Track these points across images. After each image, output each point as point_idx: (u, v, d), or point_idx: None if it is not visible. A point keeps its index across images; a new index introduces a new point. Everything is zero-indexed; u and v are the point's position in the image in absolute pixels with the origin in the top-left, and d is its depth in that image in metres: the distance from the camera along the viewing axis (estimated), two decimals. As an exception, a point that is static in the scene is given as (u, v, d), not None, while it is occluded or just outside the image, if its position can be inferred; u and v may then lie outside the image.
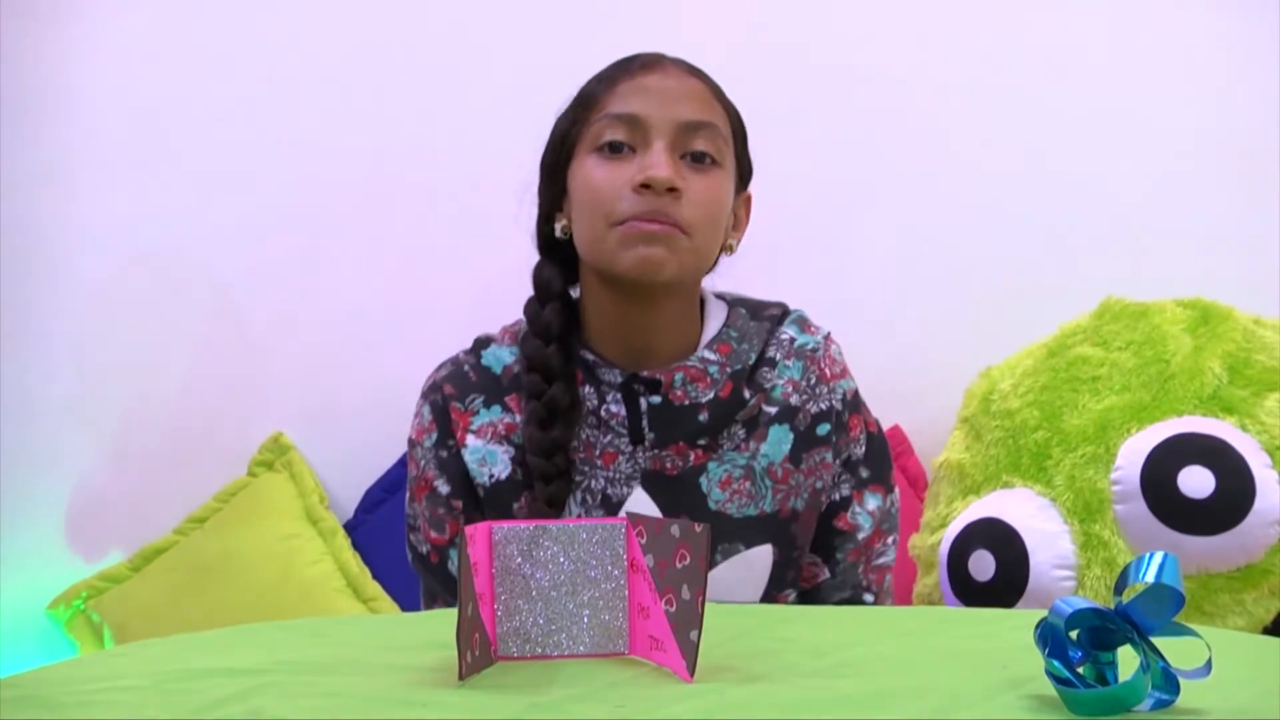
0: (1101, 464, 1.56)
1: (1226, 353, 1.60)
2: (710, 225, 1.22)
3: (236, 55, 2.27)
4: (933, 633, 0.88)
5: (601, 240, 1.20)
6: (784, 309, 1.33)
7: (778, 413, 1.26)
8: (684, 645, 0.73)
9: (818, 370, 1.28)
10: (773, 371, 1.27)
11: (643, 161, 1.19)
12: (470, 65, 2.23)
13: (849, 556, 1.30)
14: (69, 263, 2.27)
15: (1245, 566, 1.51)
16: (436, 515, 1.28)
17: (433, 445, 1.28)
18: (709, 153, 1.21)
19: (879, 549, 1.31)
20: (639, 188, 1.18)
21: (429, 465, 1.28)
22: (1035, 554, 1.55)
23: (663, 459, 1.24)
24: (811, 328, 1.31)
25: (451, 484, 1.27)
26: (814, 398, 1.27)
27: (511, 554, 0.81)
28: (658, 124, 1.20)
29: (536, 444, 1.23)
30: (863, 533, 1.30)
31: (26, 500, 2.24)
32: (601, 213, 1.20)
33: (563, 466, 1.23)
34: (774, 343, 1.29)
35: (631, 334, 1.25)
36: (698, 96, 1.23)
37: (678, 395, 1.23)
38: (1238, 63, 2.14)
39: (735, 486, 1.24)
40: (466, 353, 1.31)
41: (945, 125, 2.19)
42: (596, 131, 1.21)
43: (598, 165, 1.21)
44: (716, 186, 1.22)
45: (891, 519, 1.33)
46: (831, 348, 1.31)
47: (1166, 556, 0.64)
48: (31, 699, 0.71)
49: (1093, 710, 0.63)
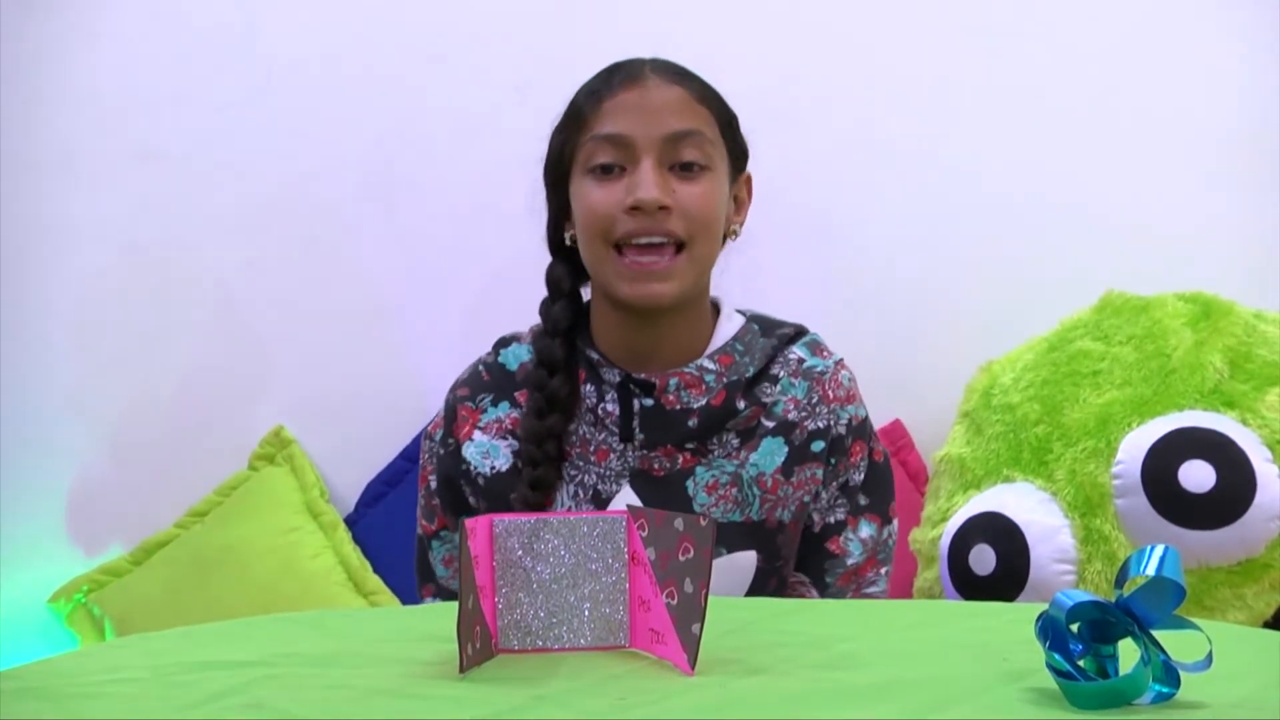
0: (1102, 458, 1.56)
1: (1227, 347, 1.60)
2: (705, 231, 1.24)
3: (235, 47, 2.26)
4: (933, 626, 0.88)
5: (603, 263, 1.24)
6: (799, 330, 1.34)
7: (775, 426, 1.28)
8: (685, 638, 0.73)
9: (822, 392, 1.29)
10: (774, 387, 1.28)
11: (632, 181, 1.22)
12: (472, 56, 2.22)
13: (838, 581, 1.30)
14: (68, 255, 2.26)
15: (1245, 561, 1.51)
16: (429, 506, 1.35)
17: (439, 441, 1.34)
18: (696, 160, 1.23)
19: (870, 577, 1.31)
20: (630, 210, 1.21)
21: (431, 458, 1.35)
22: (1036, 548, 1.56)
23: (650, 459, 1.26)
24: (824, 352, 1.32)
25: (439, 483, 1.33)
26: (813, 415, 1.28)
27: (513, 547, 0.81)
28: (643, 141, 1.22)
29: (530, 431, 1.27)
30: (852, 559, 1.30)
31: (27, 494, 2.24)
32: (599, 234, 1.23)
33: (552, 454, 1.26)
34: (780, 360, 1.30)
35: (635, 342, 1.28)
36: (681, 105, 1.24)
37: (670, 400, 1.26)
38: (1238, 56, 2.13)
39: (721, 492, 1.26)
40: (489, 352, 1.36)
41: (945, 120, 2.18)
42: (587, 153, 1.24)
43: (591, 188, 1.24)
44: (707, 192, 1.24)
45: (887, 550, 1.33)
46: (841, 374, 1.31)
47: (1167, 550, 0.64)
48: (32, 691, 0.71)
49: (1093, 703, 0.63)
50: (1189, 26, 2.16)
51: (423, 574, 1.37)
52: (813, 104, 2.17)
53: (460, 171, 2.19)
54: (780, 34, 2.19)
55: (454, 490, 1.32)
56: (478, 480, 1.30)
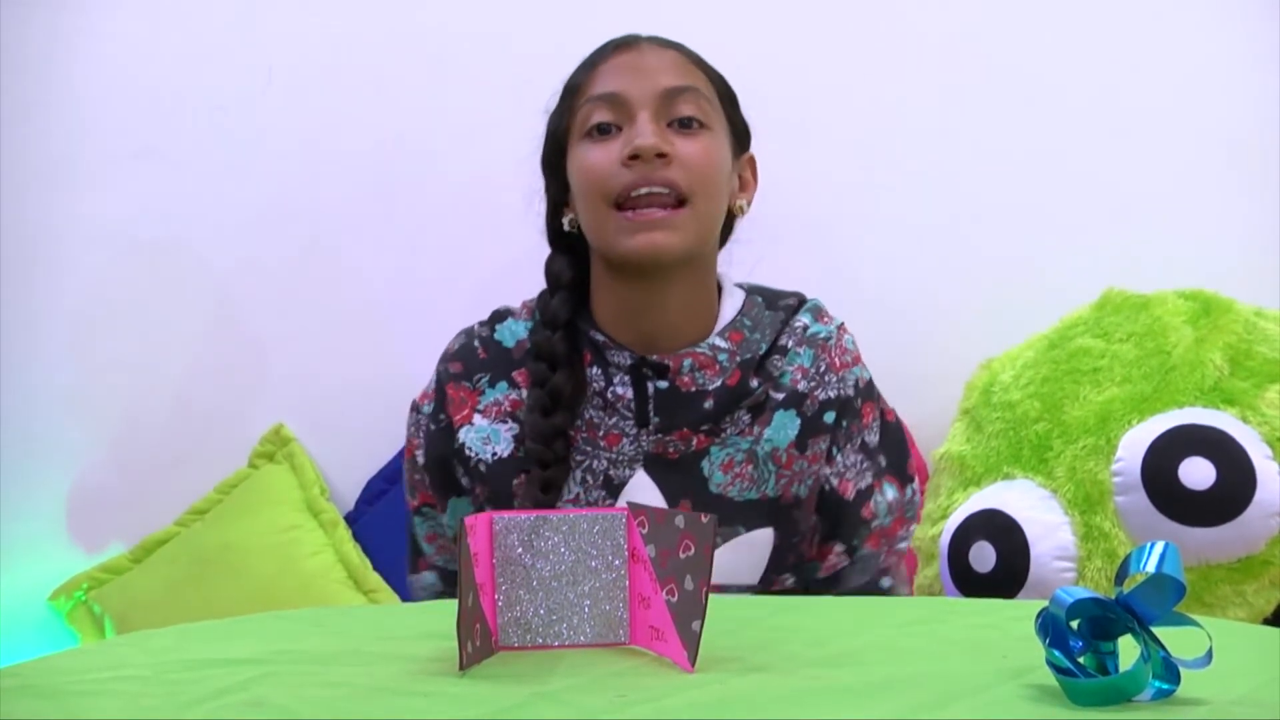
0: (1102, 455, 1.56)
1: (1228, 344, 1.60)
2: (707, 187, 1.22)
3: (235, 47, 2.26)
4: (933, 623, 0.88)
5: (604, 224, 1.21)
6: (800, 298, 1.33)
7: (785, 398, 1.26)
8: (685, 635, 0.73)
9: (828, 359, 1.28)
10: (783, 359, 1.27)
11: (629, 135, 1.20)
12: (470, 55, 2.22)
13: (867, 544, 1.30)
14: (69, 255, 2.26)
15: (1246, 558, 1.51)
16: (412, 480, 1.32)
17: (428, 414, 1.30)
18: (695, 116, 1.22)
19: (901, 535, 1.32)
20: (628, 160, 1.19)
21: (418, 432, 1.31)
22: (1036, 545, 1.56)
23: (665, 443, 1.24)
24: (825, 317, 1.31)
25: (427, 458, 1.30)
26: (823, 385, 1.27)
27: (512, 544, 0.81)
28: (639, 97, 1.21)
29: (537, 431, 1.23)
30: (878, 520, 1.30)
31: (27, 492, 2.24)
32: (599, 193, 1.20)
33: (561, 453, 1.23)
34: (787, 331, 1.29)
35: (641, 318, 1.25)
36: (676, 65, 1.24)
37: (685, 381, 1.23)
38: (1239, 56, 2.13)
39: (737, 470, 1.24)
40: (482, 324, 1.32)
41: (944, 118, 2.18)
42: (583, 117, 1.23)
43: (589, 149, 1.22)
44: (708, 148, 1.22)
45: (913, 508, 1.34)
46: (844, 337, 1.31)
47: (1167, 546, 0.64)
48: (33, 688, 0.71)
49: (1093, 700, 0.63)
50: (1189, 27, 2.16)
51: (411, 548, 1.34)
52: (813, 104, 2.17)
53: (460, 172, 2.20)
54: (780, 34, 2.19)
55: (445, 469, 1.28)
56: (479, 467, 1.26)
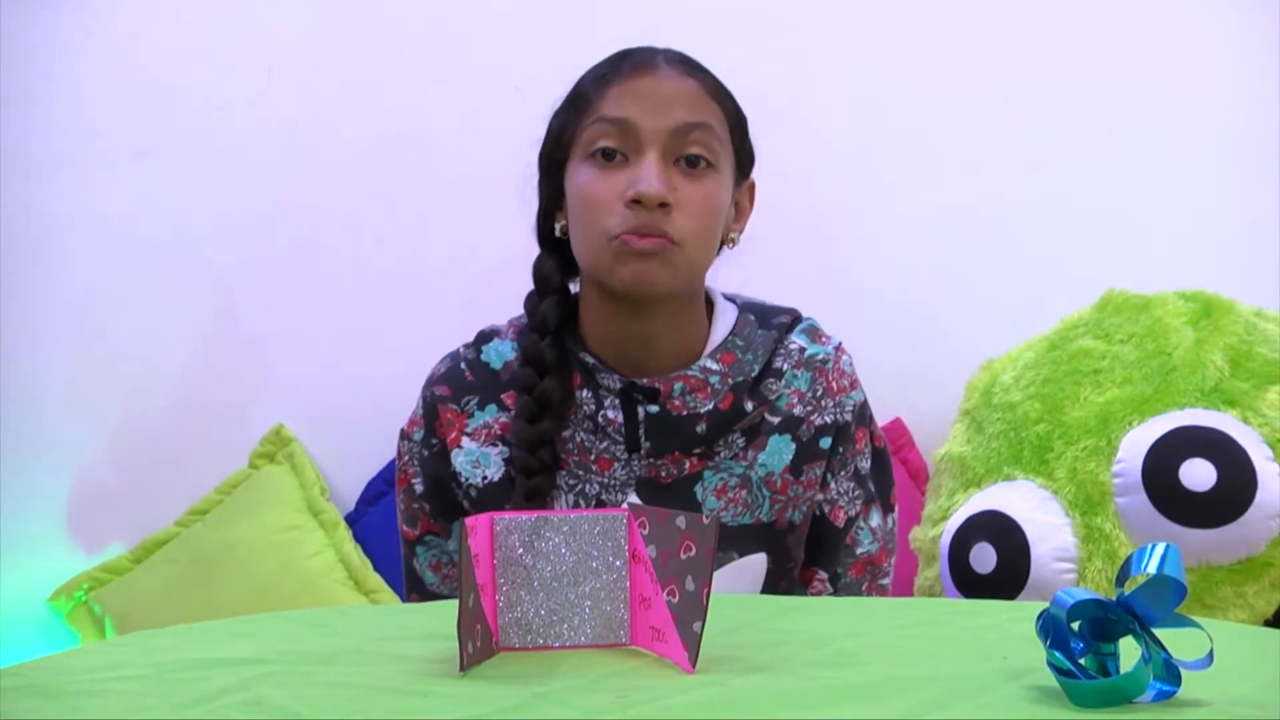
0: (1103, 456, 1.56)
1: (1228, 345, 1.60)
2: (703, 234, 1.19)
3: (235, 46, 2.26)
4: (934, 624, 0.87)
5: (596, 253, 1.18)
6: (794, 316, 1.30)
7: (780, 423, 1.24)
8: (686, 636, 0.73)
9: (825, 383, 1.26)
10: (779, 382, 1.24)
11: (634, 173, 1.16)
12: (470, 55, 2.22)
13: (850, 572, 1.28)
14: (69, 254, 2.26)
15: (1246, 559, 1.51)
16: (410, 510, 1.30)
17: (419, 441, 1.28)
18: (703, 156, 1.18)
19: (885, 568, 1.30)
20: (630, 203, 1.15)
21: (411, 460, 1.29)
22: (1036, 546, 1.55)
23: (658, 467, 1.22)
24: (822, 337, 1.29)
25: (426, 485, 1.28)
26: (819, 410, 1.25)
27: (513, 545, 0.81)
28: (649, 131, 1.17)
29: (523, 437, 1.21)
30: (862, 548, 1.28)
31: (27, 492, 2.24)
32: (595, 226, 1.17)
33: (547, 461, 1.21)
34: (781, 352, 1.26)
35: (629, 342, 1.23)
36: (692, 98, 1.19)
37: (676, 405, 1.21)
38: (1239, 56, 2.13)
39: (731, 495, 1.23)
40: (468, 347, 1.30)
41: (944, 118, 2.18)
42: (590, 136, 1.19)
43: (591, 175, 1.18)
44: (710, 192, 1.19)
45: (893, 539, 1.32)
46: (842, 359, 1.28)
47: (1168, 548, 0.64)
48: (33, 688, 0.71)
49: (1094, 701, 0.63)
50: (1189, 27, 2.16)
51: (410, 582, 1.32)
52: (813, 103, 2.17)
53: (459, 171, 2.19)
54: (780, 34, 2.19)
55: (444, 491, 1.27)
56: (470, 491, 1.25)
